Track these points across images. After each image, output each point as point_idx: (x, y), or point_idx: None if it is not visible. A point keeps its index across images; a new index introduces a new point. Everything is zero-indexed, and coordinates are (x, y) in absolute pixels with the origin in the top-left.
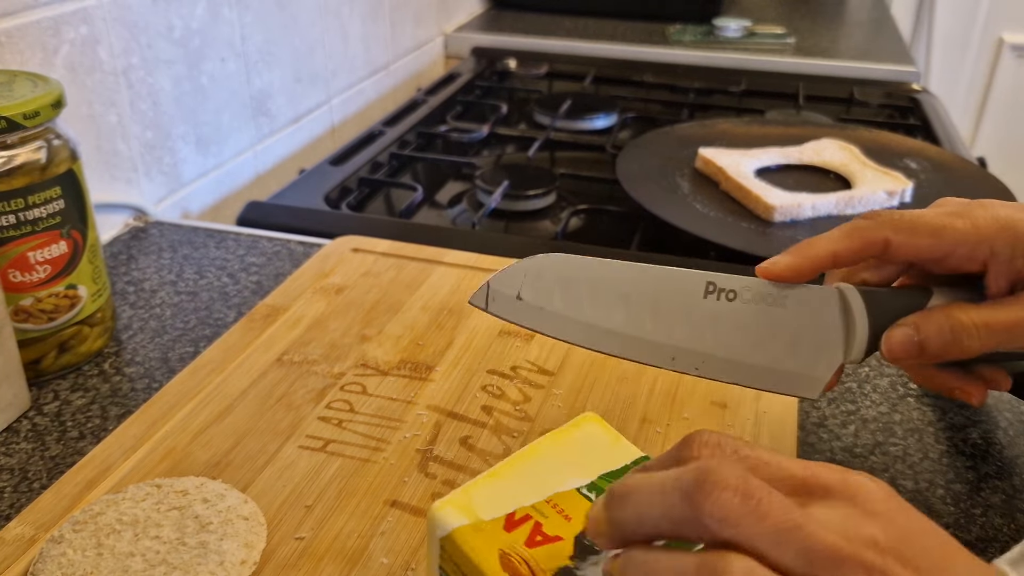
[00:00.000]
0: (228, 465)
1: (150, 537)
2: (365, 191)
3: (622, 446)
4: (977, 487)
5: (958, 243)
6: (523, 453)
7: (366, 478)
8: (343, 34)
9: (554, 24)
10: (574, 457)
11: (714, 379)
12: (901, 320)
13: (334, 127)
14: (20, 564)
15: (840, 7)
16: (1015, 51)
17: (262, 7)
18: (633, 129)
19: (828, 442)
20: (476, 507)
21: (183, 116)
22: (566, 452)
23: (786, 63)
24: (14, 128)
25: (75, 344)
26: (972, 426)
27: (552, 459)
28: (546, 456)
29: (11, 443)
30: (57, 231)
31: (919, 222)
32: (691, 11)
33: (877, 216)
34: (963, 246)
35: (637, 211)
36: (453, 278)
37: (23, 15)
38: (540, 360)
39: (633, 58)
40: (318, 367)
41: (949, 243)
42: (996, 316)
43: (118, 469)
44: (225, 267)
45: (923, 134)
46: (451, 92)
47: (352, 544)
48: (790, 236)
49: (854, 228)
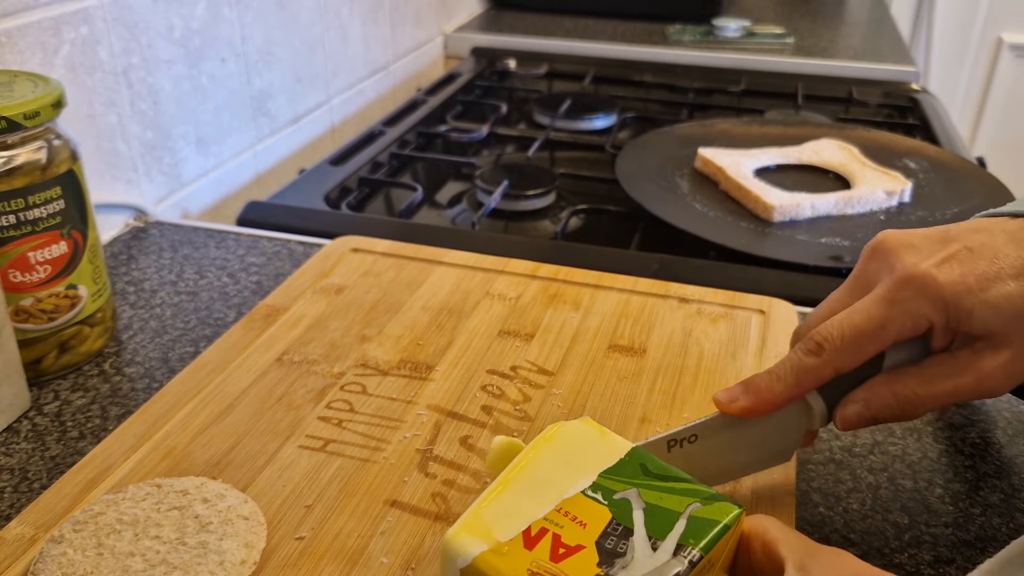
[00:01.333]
0: (228, 465)
1: (150, 537)
2: (365, 191)
3: (611, 440)
4: (976, 486)
5: (899, 335)
6: (518, 465)
7: (366, 478)
8: (343, 34)
9: (554, 24)
10: (569, 459)
11: None
12: (851, 397)
13: (334, 127)
14: (20, 564)
15: (839, 7)
16: (1014, 51)
17: (262, 7)
18: (633, 129)
19: (827, 442)
20: (490, 529)
21: (183, 116)
22: (560, 456)
23: (785, 63)
24: (14, 128)
25: (75, 344)
26: (971, 426)
27: (549, 465)
28: (542, 464)
29: (11, 443)
30: (57, 231)
31: (861, 337)
32: (690, 11)
33: (821, 351)
34: (905, 332)
35: (636, 211)
36: (453, 278)
37: (23, 15)
38: (540, 360)
39: (633, 58)
40: (318, 367)
41: (893, 338)
42: (935, 387)
43: (118, 469)
44: (225, 267)
45: (922, 134)
46: (451, 92)
47: (352, 544)
48: (789, 235)
49: (803, 370)
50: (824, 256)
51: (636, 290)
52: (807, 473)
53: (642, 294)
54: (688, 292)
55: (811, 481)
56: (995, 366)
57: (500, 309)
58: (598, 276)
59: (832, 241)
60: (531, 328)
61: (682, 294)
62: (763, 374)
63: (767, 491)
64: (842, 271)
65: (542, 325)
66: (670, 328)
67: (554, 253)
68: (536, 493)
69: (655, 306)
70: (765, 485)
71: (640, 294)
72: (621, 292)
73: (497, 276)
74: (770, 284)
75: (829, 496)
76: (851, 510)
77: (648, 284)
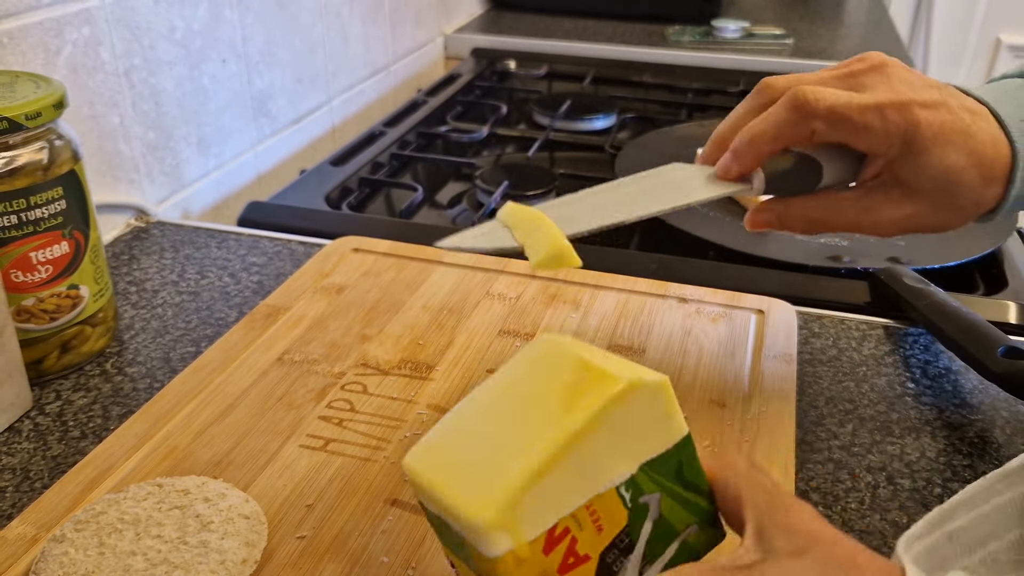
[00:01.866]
0: (229, 464)
1: (151, 536)
2: (366, 191)
3: (672, 419)
4: None
5: (868, 144)
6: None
7: (367, 477)
8: (343, 35)
9: (553, 25)
10: (626, 434)
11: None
12: (767, 206)
13: (335, 127)
14: (22, 563)
15: (838, 8)
16: (1012, 51)
17: (263, 8)
18: (632, 129)
19: (826, 440)
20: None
21: (185, 117)
22: (620, 428)
23: (784, 64)
24: (16, 129)
25: (77, 344)
26: (969, 425)
27: (606, 438)
28: (601, 435)
29: (13, 443)
30: (59, 231)
31: (844, 117)
32: (690, 12)
33: (804, 107)
34: (871, 146)
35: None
36: (453, 278)
37: (25, 16)
38: None
39: (632, 59)
40: (319, 366)
41: (862, 144)
42: (840, 218)
43: (120, 468)
44: (226, 267)
45: None
46: (451, 93)
47: (353, 543)
48: (787, 235)
49: (785, 123)
50: (822, 256)
51: (635, 290)
52: (806, 472)
53: (641, 294)
54: (687, 292)
55: (810, 480)
56: (897, 217)
57: (500, 309)
58: (597, 276)
59: (830, 241)
60: (531, 328)
61: (681, 294)
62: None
63: None
64: (841, 271)
65: (542, 325)
66: (669, 328)
67: None
68: (577, 477)
69: (654, 306)
70: None
71: (639, 294)
72: (620, 292)
73: (497, 276)
74: (769, 284)
75: (828, 495)
76: (849, 509)
77: (647, 284)
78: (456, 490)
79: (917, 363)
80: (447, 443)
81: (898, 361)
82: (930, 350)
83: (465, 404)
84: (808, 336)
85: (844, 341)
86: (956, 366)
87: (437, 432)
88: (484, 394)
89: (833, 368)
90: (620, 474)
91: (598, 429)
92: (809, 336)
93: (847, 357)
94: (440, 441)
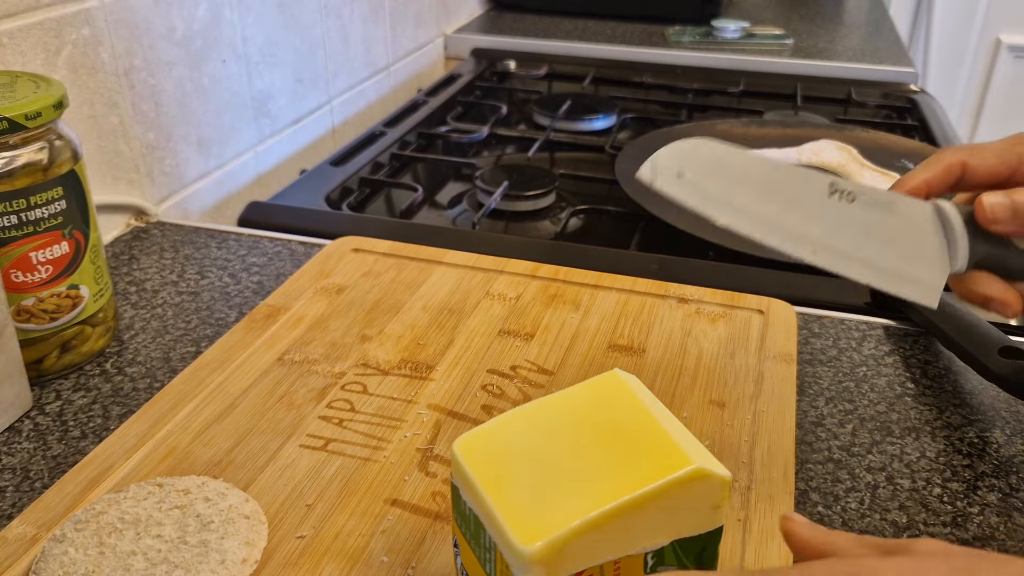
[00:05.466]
0: (229, 464)
1: (152, 536)
2: (366, 191)
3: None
4: (974, 486)
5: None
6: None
7: (367, 477)
8: (344, 35)
9: (553, 25)
10: (670, 510)
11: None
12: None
13: (335, 128)
14: (22, 563)
15: (838, 8)
16: (1013, 52)
17: (263, 8)
18: (632, 130)
19: (826, 441)
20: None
21: (185, 117)
22: (668, 505)
23: (784, 64)
24: (16, 129)
25: (77, 344)
26: (969, 425)
27: (653, 510)
28: (650, 506)
29: (13, 443)
30: (59, 231)
31: (985, 146)
32: (690, 12)
33: (949, 148)
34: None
35: (636, 211)
36: (453, 278)
37: (25, 16)
38: (540, 359)
39: (632, 59)
40: (319, 367)
41: (1015, 162)
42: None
43: (120, 468)
44: (226, 267)
45: (921, 135)
46: (451, 93)
47: (353, 543)
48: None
49: (932, 158)
50: None
51: (635, 290)
52: (806, 472)
53: (641, 294)
54: (687, 292)
55: (810, 480)
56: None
57: (500, 309)
58: (598, 276)
59: None
60: (531, 328)
61: (681, 294)
62: None
63: (766, 489)
64: None
65: (542, 325)
66: (669, 328)
67: (554, 253)
68: (624, 534)
69: (654, 306)
70: (764, 484)
71: (639, 294)
72: (620, 292)
73: (497, 276)
74: (769, 284)
75: (827, 495)
76: (849, 509)
77: (647, 284)
78: (508, 505)
79: (917, 363)
80: (503, 445)
81: (898, 361)
82: (930, 350)
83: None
84: (808, 336)
85: (844, 341)
86: (956, 366)
87: (493, 428)
88: (546, 410)
89: (833, 368)
90: (655, 543)
91: (657, 501)
92: (809, 336)
93: (847, 357)
94: (496, 439)
